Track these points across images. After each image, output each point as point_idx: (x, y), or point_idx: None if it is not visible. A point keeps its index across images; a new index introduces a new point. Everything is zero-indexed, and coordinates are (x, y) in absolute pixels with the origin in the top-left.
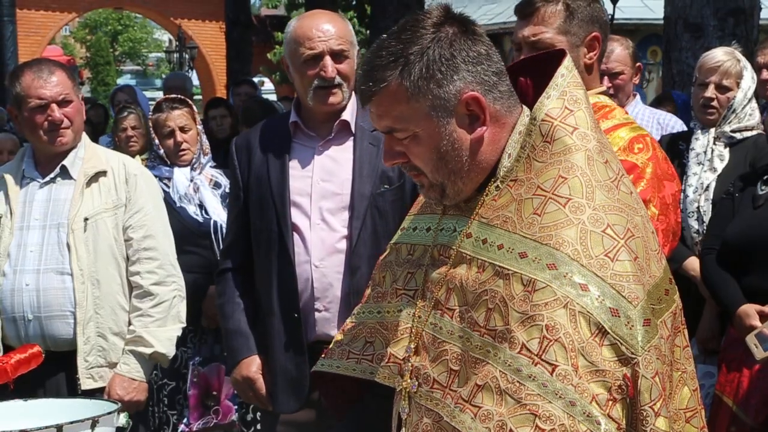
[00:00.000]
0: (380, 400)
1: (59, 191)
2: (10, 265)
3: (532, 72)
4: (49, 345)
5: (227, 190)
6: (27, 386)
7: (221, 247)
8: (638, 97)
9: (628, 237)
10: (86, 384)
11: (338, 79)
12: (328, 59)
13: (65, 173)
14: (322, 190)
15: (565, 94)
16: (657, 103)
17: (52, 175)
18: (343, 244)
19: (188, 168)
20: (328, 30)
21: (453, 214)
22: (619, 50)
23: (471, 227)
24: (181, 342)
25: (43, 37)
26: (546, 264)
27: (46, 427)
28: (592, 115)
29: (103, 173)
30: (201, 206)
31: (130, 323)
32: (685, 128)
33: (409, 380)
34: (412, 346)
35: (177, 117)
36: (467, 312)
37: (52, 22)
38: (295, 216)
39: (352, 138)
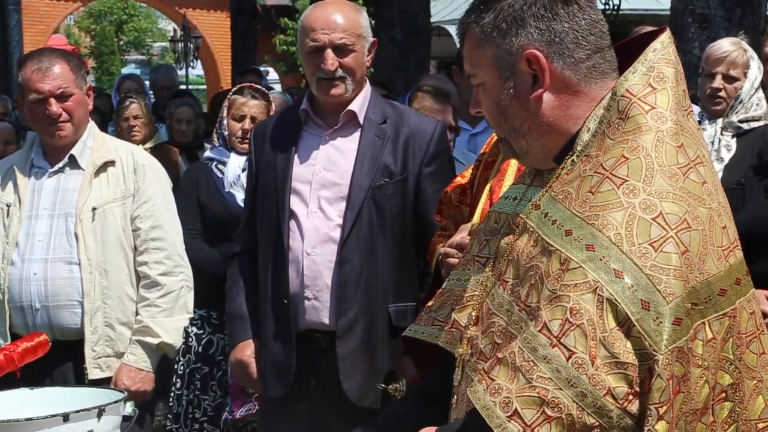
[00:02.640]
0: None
1: (68, 181)
2: (18, 254)
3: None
4: (57, 334)
5: None
6: (34, 375)
7: None
8: None
9: (682, 228)
10: (93, 374)
11: (340, 72)
12: (329, 52)
13: (74, 163)
14: (322, 179)
15: (653, 70)
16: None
17: (60, 165)
18: (336, 234)
19: (244, 157)
20: (333, 22)
21: (536, 185)
22: None
23: (541, 199)
24: (219, 329)
25: (48, 26)
26: (585, 244)
27: (53, 416)
28: (679, 96)
29: (112, 163)
30: None
31: (137, 313)
32: None
33: (464, 348)
34: (474, 314)
35: (254, 106)
36: (516, 286)
37: (57, 11)
38: (294, 203)
39: (359, 129)
